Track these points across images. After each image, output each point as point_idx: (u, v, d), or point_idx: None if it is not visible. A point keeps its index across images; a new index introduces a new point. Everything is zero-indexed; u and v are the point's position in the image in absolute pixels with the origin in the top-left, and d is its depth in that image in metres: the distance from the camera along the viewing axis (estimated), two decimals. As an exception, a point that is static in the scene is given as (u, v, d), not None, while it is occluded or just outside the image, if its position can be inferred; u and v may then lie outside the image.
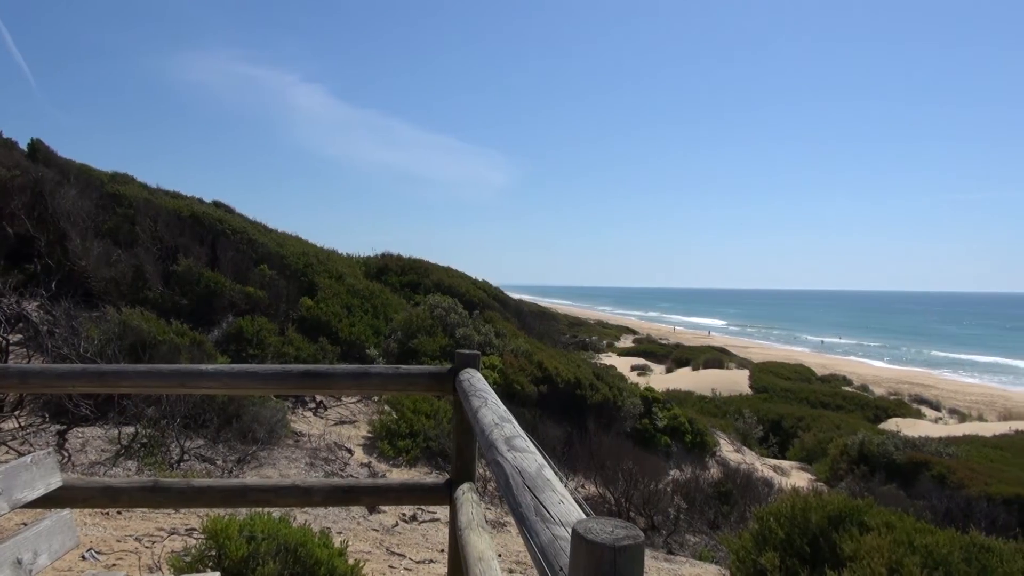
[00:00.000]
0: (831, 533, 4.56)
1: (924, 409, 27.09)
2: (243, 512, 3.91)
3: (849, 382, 32.14)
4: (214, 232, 11.44)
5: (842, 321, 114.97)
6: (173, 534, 4.52)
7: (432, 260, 17.40)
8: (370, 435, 8.14)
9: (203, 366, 2.96)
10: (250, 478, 6.01)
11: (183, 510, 4.92)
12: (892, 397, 28.54)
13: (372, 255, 17.22)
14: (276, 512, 3.82)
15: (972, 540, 4.48)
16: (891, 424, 21.30)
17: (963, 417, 26.30)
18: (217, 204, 14.95)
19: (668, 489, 9.01)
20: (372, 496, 3.28)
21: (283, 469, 6.52)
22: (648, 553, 6.76)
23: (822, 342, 73.83)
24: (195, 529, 4.52)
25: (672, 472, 10.65)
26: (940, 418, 25.67)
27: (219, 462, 6.30)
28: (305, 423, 8.16)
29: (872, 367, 50.00)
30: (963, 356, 60.86)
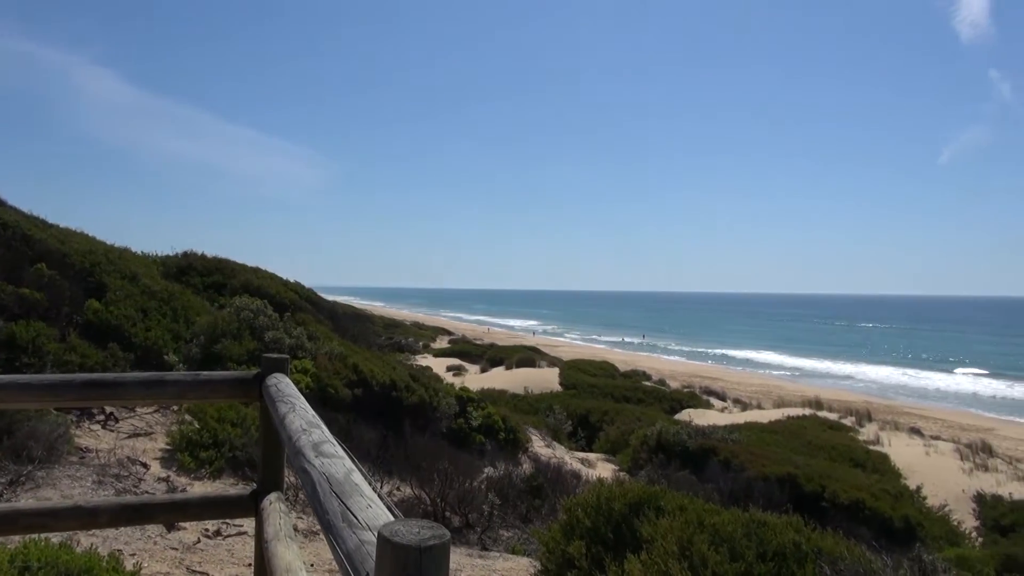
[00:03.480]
0: (632, 519, 4.87)
1: (712, 400, 29.64)
2: (16, 540, 3.50)
3: (648, 377, 34.40)
4: (-20, 226, 10.12)
5: (645, 321, 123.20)
6: (-75, 571, 3.95)
7: (241, 260, 16.53)
8: (169, 447, 7.58)
9: (-37, 378, 2.62)
10: (24, 501, 5.38)
11: (-61, 543, 4.31)
12: (686, 390, 30.95)
13: (172, 254, 16.03)
14: (56, 537, 3.46)
15: (752, 517, 4.97)
16: (684, 415, 23.10)
17: (745, 406, 29.05)
18: (-16, 195, 13.24)
19: (483, 487, 9.18)
20: (169, 512, 3.06)
21: (65, 489, 5.90)
22: (463, 551, 6.85)
23: (623, 340, 78.77)
24: (-46, 563, 3.98)
25: (487, 470, 10.86)
26: (726, 407, 28.17)
27: (-15, 486, 5.59)
28: (92, 437, 7.43)
29: (669, 362, 54.08)
30: (750, 353, 67.42)
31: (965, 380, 50.46)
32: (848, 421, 23.38)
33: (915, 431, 23.08)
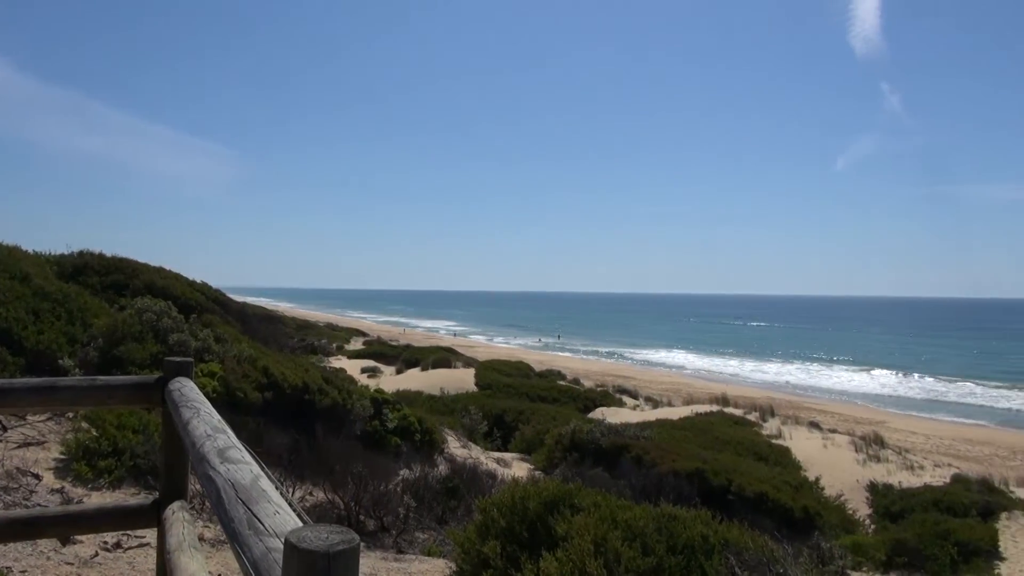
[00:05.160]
0: (547, 517, 4.92)
1: (625, 398, 30.24)
2: None
3: (563, 376, 34.81)
4: None
5: (560, 322, 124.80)
6: None
7: (145, 260, 15.82)
8: (64, 456, 7.18)
9: None
10: (-101, 519, 4.99)
11: None
12: (599, 388, 31.47)
13: (67, 253, 15.20)
14: (-66, 556, 3.22)
15: (663, 511, 5.11)
16: (598, 413, 23.49)
17: (656, 404, 29.76)
18: None
19: (398, 489, 9.09)
20: (62, 526, 2.90)
21: (-54, 504, 5.51)
22: (378, 555, 6.77)
23: (540, 340, 79.60)
24: None
25: (402, 472, 10.76)
26: (638, 405, 28.78)
27: None
28: (-23, 448, 6.97)
29: (583, 361, 54.93)
30: (661, 352, 69.29)
31: (860, 376, 53.30)
32: (752, 417, 24.27)
33: (814, 425, 24.17)
